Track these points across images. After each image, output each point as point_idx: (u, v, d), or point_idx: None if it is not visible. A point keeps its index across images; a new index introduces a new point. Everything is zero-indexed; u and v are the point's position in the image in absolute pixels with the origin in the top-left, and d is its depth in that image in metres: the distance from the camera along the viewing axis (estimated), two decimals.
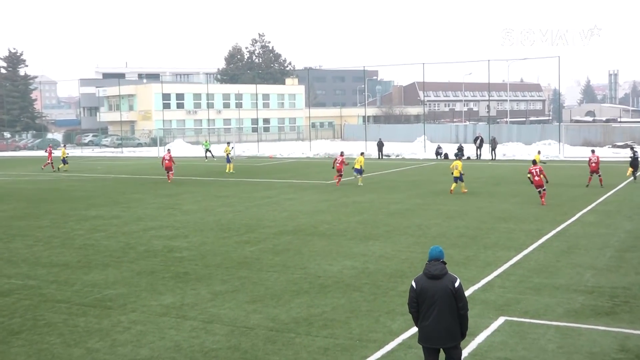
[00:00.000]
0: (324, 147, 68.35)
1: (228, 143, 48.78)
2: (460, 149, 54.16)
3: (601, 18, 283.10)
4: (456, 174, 29.26)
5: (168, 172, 37.20)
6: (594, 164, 31.09)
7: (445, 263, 8.07)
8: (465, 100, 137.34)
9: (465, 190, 29.58)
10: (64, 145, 64.58)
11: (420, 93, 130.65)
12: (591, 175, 31.47)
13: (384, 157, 57.10)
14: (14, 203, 29.12)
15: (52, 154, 49.39)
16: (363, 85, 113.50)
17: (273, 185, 34.36)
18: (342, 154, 35.09)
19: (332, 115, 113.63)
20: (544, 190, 25.75)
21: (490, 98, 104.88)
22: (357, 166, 33.64)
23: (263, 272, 15.14)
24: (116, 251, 17.91)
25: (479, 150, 53.76)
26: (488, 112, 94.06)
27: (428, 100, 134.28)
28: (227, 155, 44.91)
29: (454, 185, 29.36)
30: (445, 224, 21.35)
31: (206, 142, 59.90)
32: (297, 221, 22.36)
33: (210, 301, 12.93)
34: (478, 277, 14.19)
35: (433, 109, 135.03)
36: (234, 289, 13.75)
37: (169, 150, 39.60)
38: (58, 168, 47.91)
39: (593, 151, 32.74)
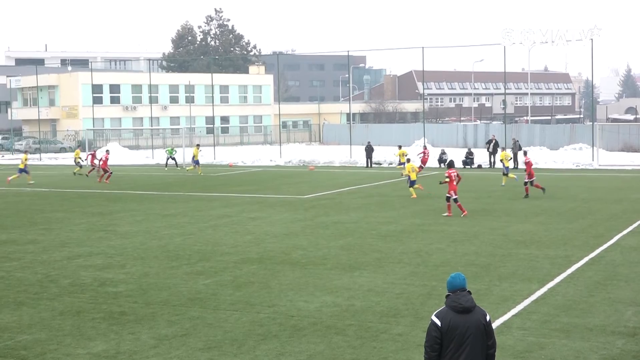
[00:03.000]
0: (297, 153, 68.45)
1: (197, 145, 54.30)
2: (470, 154, 54.57)
3: (601, 18, 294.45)
4: (413, 177, 33.83)
5: (104, 173, 40.28)
6: None
7: (470, 292, 8.18)
8: (475, 94, 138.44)
9: (415, 196, 33.76)
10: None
11: (419, 85, 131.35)
12: None
13: (373, 165, 57.32)
14: None
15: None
16: (347, 75, 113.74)
17: (233, 201, 34.35)
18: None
19: (309, 112, 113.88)
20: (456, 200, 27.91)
21: (507, 91, 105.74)
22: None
23: (220, 312, 15.12)
24: (33, 285, 17.78)
25: (492, 156, 54.14)
26: (504, 108, 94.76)
27: (429, 94, 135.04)
28: (196, 159, 52.40)
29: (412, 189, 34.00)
30: (450, 249, 21.45)
31: (171, 149, 60.37)
32: (263, 246, 22.35)
33: (153, 348, 12.88)
34: (492, 316, 14.22)
35: (435, 105, 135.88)
36: (183, 333, 13.71)
37: (107, 151, 43.92)
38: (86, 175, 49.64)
39: None
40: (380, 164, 58.18)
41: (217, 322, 14.33)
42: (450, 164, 29.71)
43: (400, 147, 52.54)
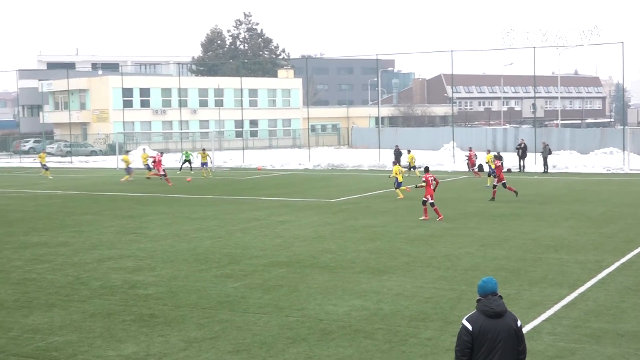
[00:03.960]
0: (326, 157, 68.48)
1: (204, 150, 54.92)
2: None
3: (601, 18, 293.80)
4: (400, 178, 35.52)
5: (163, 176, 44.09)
6: None
7: (502, 297, 8.16)
8: (504, 98, 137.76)
9: (402, 196, 35.14)
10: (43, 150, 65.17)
11: (448, 88, 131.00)
12: None
13: (402, 168, 57.15)
14: None
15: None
16: (376, 79, 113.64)
17: (262, 205, 34.43)
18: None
19: (337, 115, 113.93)
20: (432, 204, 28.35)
21: (537, 95, 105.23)
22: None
23: (249, 315, 15.15)
24: (64, 287, 17.93)
25: (522, 160, 53.88)
26: (534, 112, 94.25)
27: (458, 98, 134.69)
28: (204, 161, 52.97)
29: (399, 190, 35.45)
30: (480, 253, 21.37)
31: (187, 152, 60.19)
32: (292, 250, 22.38)
33: (182, 350, 12.94)
34: (522, 322, 14.17)
35: (464, 109, 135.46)
36: (212, 336, 13.75)
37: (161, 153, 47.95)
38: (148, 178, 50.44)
39: None
40: (409, 168, 57.98)
41: (246, 325, 14.36)
42: (427, 169, 30.51)
43: (409, 151, 53.59)
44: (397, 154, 57.23)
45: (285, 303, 16.00)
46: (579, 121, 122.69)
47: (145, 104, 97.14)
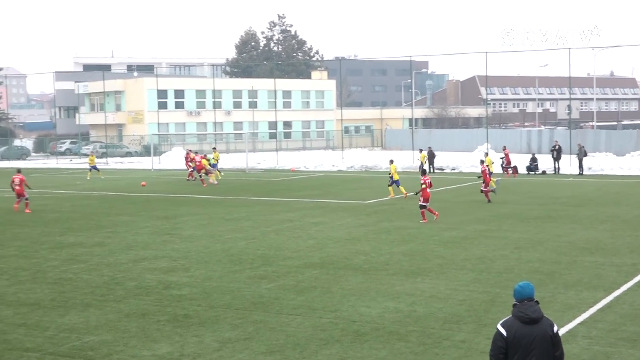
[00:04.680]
0: (359, 158, 68.43)
1: (214, 149, 54.31)
2: (534, 160, 54.01)
3: (601, 18, 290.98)
4: (396, 177, 36.40)
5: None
6: None
7: (538, 302, 8.10)
8: (539, 99, 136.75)
9: (391, 195, 36.35)
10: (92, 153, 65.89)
11: (482, 90, 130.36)
12: None
13: (436, 170, 57.04)
14: None
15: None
16: (409, 80, 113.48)
17: (296, 206, 34.49)
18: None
19: (371, 117, 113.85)
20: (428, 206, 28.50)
21: (572, 96, 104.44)
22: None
23: (283, 316, 15.19)
24: (99, 287, 18.09)
25: (556, 162, 53.49)
26: (569, 113, 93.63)
27: (492, 99, 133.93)
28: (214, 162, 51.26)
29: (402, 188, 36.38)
30: (514, 256, 21.24)
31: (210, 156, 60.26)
32: (326, 251, 22.40)
33: (216, 351, 13.00)
34: (557, 325, 14.07)
35: (498, 110, 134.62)
36: (246, 336, 13.80)
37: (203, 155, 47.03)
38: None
39: None
40: (443, 170, 57.83)
41: (279, 326, 14.39)
42: (424, 172, 31.08)
43: (421, 150, 55.10)
44: (431, 156, 57.12)
45: (319, 304, 16.02)
46: (615, 123, 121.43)
47: (179, 105, 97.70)
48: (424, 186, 28.76)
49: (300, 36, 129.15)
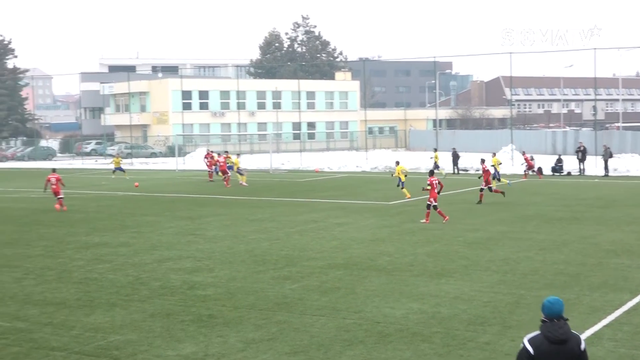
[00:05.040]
0: (383, 159, 68.31)
1: (226, 152, 53.16)
2: (560, 161, 53.73)
3: (601, 18, 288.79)
4: (403, 178, 37.27)
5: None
6: None
7: (567, 320, 7.96)
8: (564, 100, 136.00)
9: (409, 196, 36.55)
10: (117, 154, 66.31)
11: (507, 90, 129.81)
12: None
13: (460, 171, 56.86)
14: (0, 226, 29.79)
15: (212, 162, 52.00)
16: (433, 81, 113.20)
17: (319, 207, 34.49)
18: None
19: (395, 118, 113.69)
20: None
21: (598, 97, 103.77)
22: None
23: (307, 316, 15.19)
24: (124, 287, 18.18)
25: (581, 163, 53.18)
26: (594, 114, 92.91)
27: (517, 100, 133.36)
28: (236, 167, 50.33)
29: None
30: (539, 257, 21.13)
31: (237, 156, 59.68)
32: (349, 252, 22.38)
33: (240, 351, 13.02)
34: (582, 327, 13.99)
35: (523, 111, 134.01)
36: (270, 337, 13.82)
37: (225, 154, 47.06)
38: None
39: None
40: (467, 171, 57.63)
41: (303, 327, 14.40)
42: (431, 172, 30.72)
43: (435, 150, 55.80)
44: (455, 157, 56.97)
45: (343, 305, 16.01)
46: None
47: (204, 106, 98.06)
48: (429, 187, 28.86)
49: (324, 37, 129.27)
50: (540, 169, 51.89)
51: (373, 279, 18.52)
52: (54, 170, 36.87)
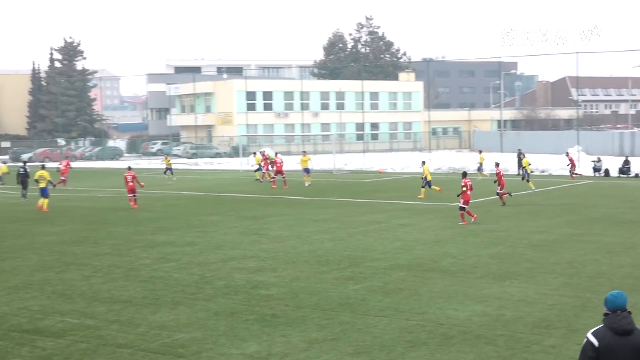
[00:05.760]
0: (447, 160, 67.91)
1: (254, 153, 54.29)
2: (627, 163, 52.80)
3: (601, 18, 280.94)
4: (429, 177, 38.04)
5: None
6: None
7: (630, 313, 7.85)
8: (632, 101, 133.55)
9: (422, 196, 37.71)
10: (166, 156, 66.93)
11: (573, 91, 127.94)
12: None
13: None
14: (69, 225, 30.36)
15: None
16: (498, 82, 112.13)
17: (383, 208, 34.42)
18: None
19: (458, 119, 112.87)
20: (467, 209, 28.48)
21: None
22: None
23: (370, 317, 15.17)
24: (189, 286, 18.37)
25: None
26: None
27: (583, 100, 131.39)
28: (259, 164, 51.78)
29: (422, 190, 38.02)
30: (606, 260, 20.77)
31: (258, 157, 57.28)
32: (413, 253, 22.30)
33: (303, 351, 13.06)
34: None
35: (590, 112, 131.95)
36: (333, 337, 13.83)
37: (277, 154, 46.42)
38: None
39: None
40: (532, 172, 56.91)
41: (366, 328, 14.39)
42: (464, 174, 30.40)
43: (480, 151, 56.59)
44: (520, 158, 56.30)
45: (406, 306, 15.95)
46: None
47: (268, 107, 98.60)
48: (464, 189, 28.77)
49: (387, 38, 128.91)
50: (607, 171, 50.98)
51: (436, 281, 18.42)
52: (129, 168, 37.74)
